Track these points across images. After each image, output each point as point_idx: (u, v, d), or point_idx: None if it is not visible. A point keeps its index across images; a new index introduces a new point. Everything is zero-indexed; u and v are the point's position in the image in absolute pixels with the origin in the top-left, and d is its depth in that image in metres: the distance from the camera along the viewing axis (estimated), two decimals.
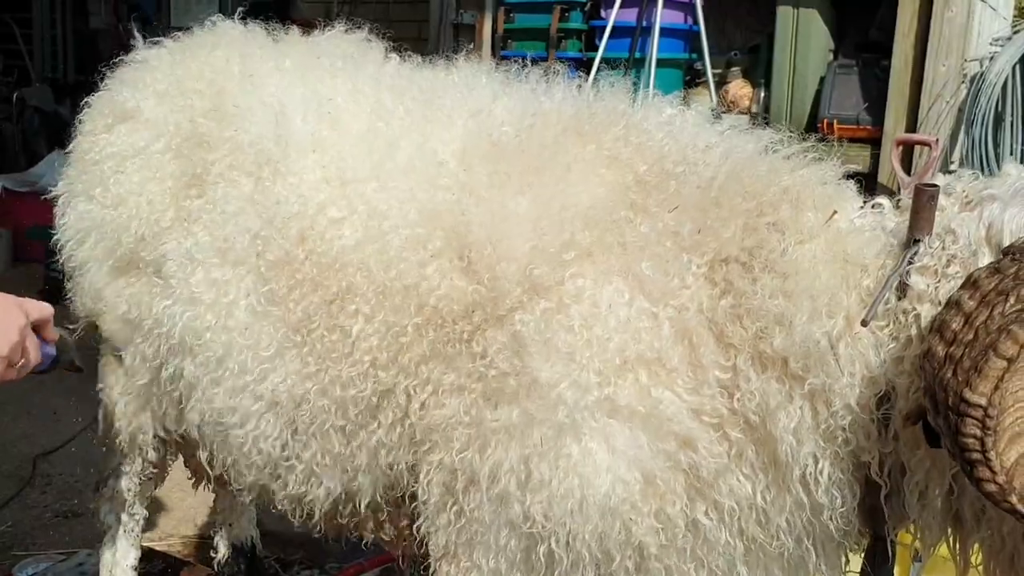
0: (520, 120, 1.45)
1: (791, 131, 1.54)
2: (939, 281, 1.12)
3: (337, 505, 1.56)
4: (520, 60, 1.86)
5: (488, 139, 1.44)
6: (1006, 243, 1.10)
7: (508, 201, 1.35)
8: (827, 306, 1.16)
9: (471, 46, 5.55)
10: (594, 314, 1.26)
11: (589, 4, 5.34)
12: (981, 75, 4.15)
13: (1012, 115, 4.28)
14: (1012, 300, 0.94)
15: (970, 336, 0.96)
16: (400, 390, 1.38)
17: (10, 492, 3.62)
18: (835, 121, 4.64)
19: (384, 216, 1.45)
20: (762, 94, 5.02)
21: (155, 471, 2.16)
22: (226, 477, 1.79)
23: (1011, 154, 4.29)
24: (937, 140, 4.25)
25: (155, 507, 3.20)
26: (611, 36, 5.03)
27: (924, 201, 1.13)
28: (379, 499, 1.52)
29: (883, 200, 1.29)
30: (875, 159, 4.51)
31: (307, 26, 6.35)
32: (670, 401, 1.24)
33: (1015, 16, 4.99)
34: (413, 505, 1.45)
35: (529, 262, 1.29)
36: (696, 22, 4.97)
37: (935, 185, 1.16)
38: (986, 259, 1.10)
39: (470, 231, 1.35)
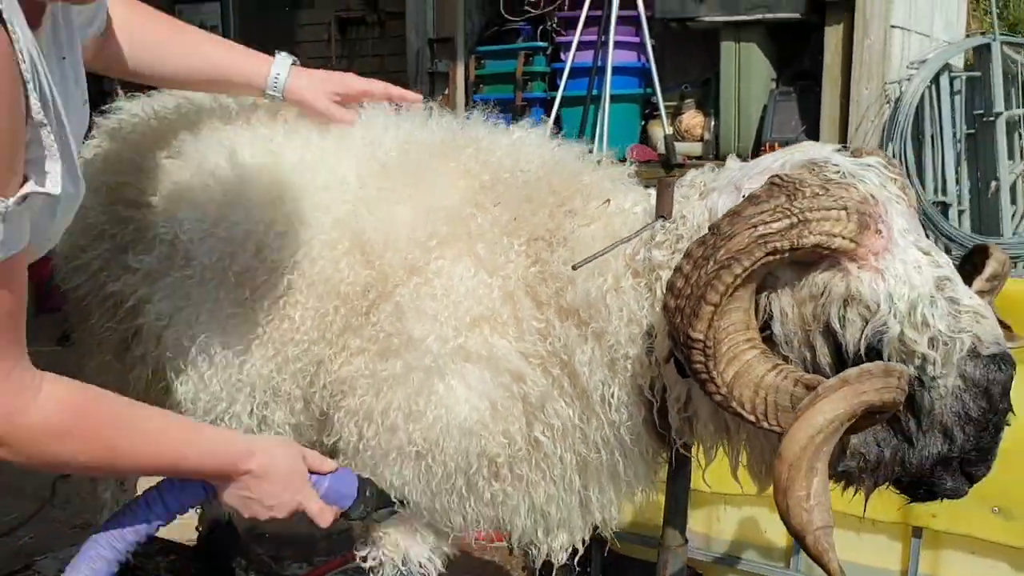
0: (401, 146, 1.83)
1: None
2: (673, 254, 1.48)
3: None
4: (489, 103, 2.21)
5: (378, 162, 1.83)
6: None
7: (392, 208, 1.75)
8: (599, 269, 1.55)
9: (446, 91, 6.04)
10: (450, 285, 1.66)
11: (551, 49, 5.78)
12: (899, 96, 4.56)
13: (932, 129, 4.69)
14: (711, 263, 1.29)
15: (688, 291, 1.31)
16: (326, 357, 1.77)
17: (31, 510, 3.98)
18: (776, 143, 5.03)
19: (310, 226, 1.83)
20: (712, 122, 5.43)
21: None
22: None
23: (931, 164, 4.69)
24: None
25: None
26: (571, 77, 5.49)
27: (664, 189, 1.52)
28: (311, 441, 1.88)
29: (652, 191, 1.66)
30: None
31: None
32: (503, 347, 1.63)
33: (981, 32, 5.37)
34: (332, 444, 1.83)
35: (407, 251, 1.69)
36: (649, 60, 5.40)
37: (673, 177, 1.54)
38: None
39: (365, 233, 1.75)
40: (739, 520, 2.62)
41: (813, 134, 4.95)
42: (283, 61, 1.94)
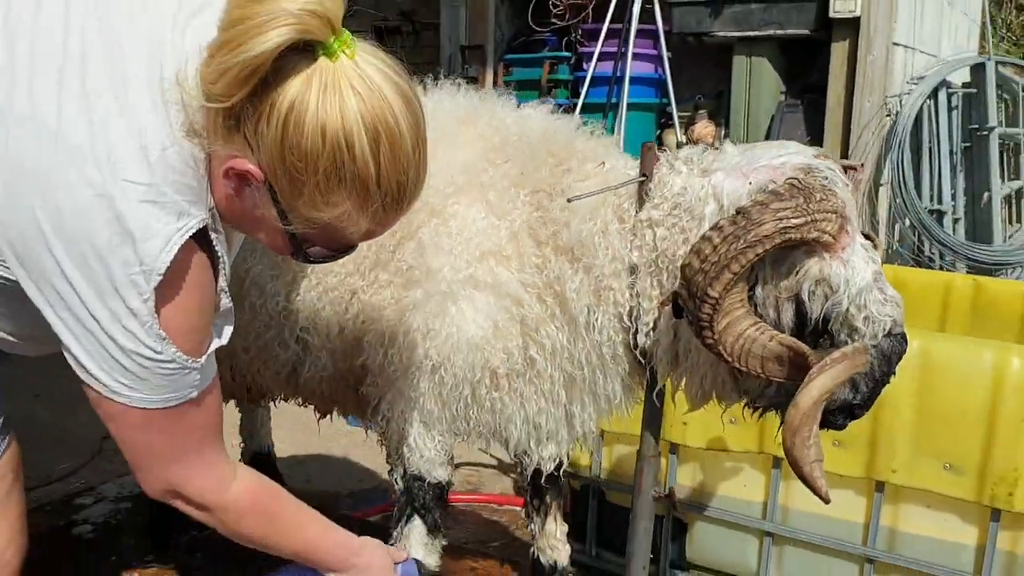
0: (431, 112, 2.16)
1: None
2: (670, 214, 1.78)
3: (322, 374, 2.24)
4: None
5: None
6: (725, 202, 1.76)
7: None
8: (590, 214, 1.86)
9: None
10: (464, 225, 1.98)
11: (574, 58, 6.12)
12: (899, 109, 4.84)
13: (930, 141, 4.97)
14: (741, 241, 1.59)
15: (715, 259, 1.60)
16: (359, 288, 2.10)
17: (81, 461, 4.28)
18: None
19: None
20: (723, 132, 5.73)
21: None
22: (250, 386, 2.48)
23: (928, 174, 4.97)
24: (862, 165, 4.98)
25: None
26: (592, 85, 5.81)
27: (646, 152, 1.83)
28: (324, 360, 2.20)
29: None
30: None
31: None
32: (507, 276, 1.95)
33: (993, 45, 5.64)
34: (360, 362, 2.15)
35: (429, 196, 2.02)
36: (665, 72, 5.72)
37: (653, 143, 1.86)
38: (710, 207, 1.77)
39: None
40: (721, 474, 2.91)
41: (817, 144, 5.24)
42: None
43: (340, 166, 1.35)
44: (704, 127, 5.89)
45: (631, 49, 5.60)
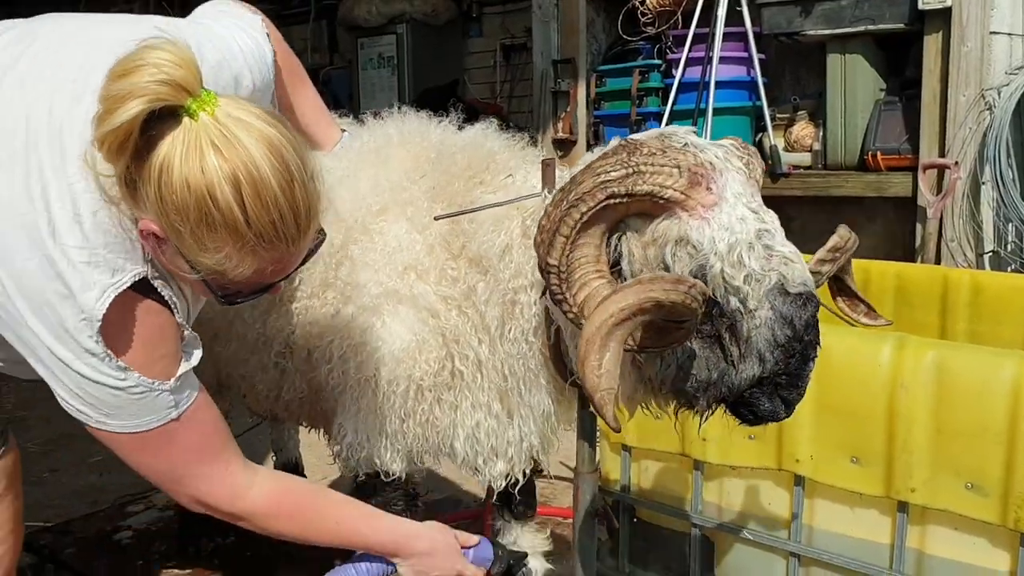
0: (374, 141, 2.24)
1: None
2: None
3: (300, 396, 2.34)
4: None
5: (359, 152, 2.24)
6: None
7: (356, 184, 2.16)
8: (494, 228, 1.86)
9: (568, 109, 6.41)
10: (387, 241, 2.04)
11: (664, 65, 6.03)
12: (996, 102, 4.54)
13: None
14: (565, 204, 1.56)
15: (548, 227, 1.59)
16: (314, 308, 2.19)
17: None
18: (879, 152, 5.09)
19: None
20: (820, 133, 5.52)
21: None
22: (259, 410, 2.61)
23: None
24: (957, 163, 4.69)
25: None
26: (681, 91, 5.73)
27: (545, 168, 1.81)
28: (299, 384, 2.29)
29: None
30: (915, 185, 4.93)
31: (476, 105, 7.36)
32: (425, 290, 1.98)
33: None
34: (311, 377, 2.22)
35: (363, 215, 2.08)
36: (756, 74, 5.56)
37: (552, 159, 1.84)
38: None
39: (336, 203, 2.15)
40: (745, 491, 2.82)
41: (917, 142, 4.97)
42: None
43: (208, 215, 1.49)
44: (803, 128, 5.69)
45: (717, 53, 5.48)
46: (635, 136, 1.63)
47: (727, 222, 1.55)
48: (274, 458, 3.08)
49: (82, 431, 1.71)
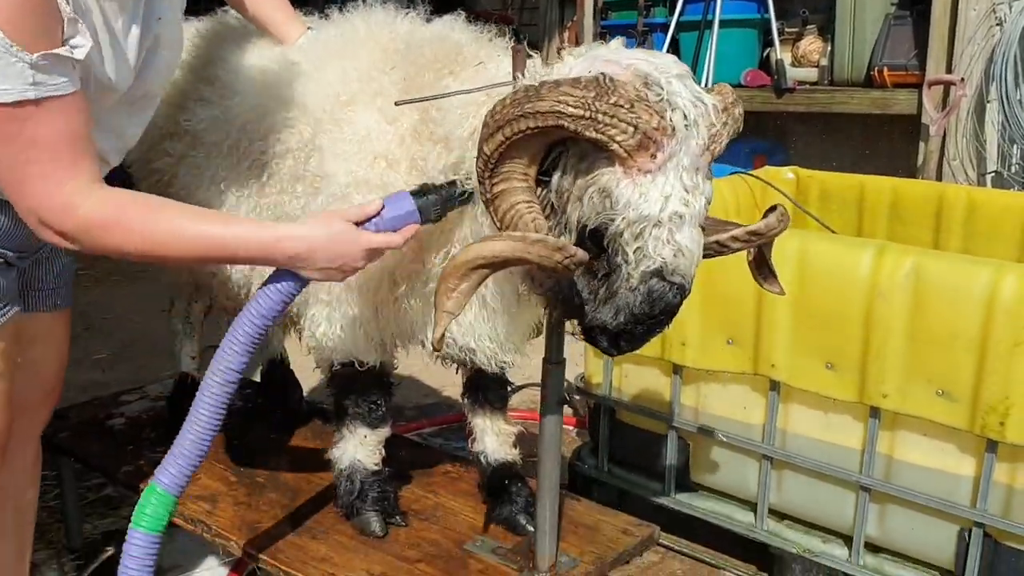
0: (343, 34, 2.23)
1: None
2: None
3: (250, 289, 2.38)
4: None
5: (325, 44, 2.24)
6: None
7: (323, 75, 2.15)
8: (466, 112, 1.86)
9: (575, 17, 6.30)
10: (358, 132, 2.03)
11: None
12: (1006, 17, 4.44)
13: None
14: (518, 108, 1.56)
15: (497, 118, 1.59)
16: (285, 203, 2.21)
17: (117, 350, 4.60)
18: (886, 68, 5.00)
19: (278, 103, 2.24)
20: (828, 48, 5.41)
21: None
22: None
23: None
24: (963, 79, 4.61)
25: None
26: (689, 2, 5.61)
27: (516, 54, 1.78)
28: None
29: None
30: (920, 102, 4.85)
31: (487, 17, 7.22)
32: (395, 177, 1.98)
33: None
34: None
35: (332, 106, 2.08)
36: None
37: (522, 47, 1.81)
38: None
39: (307, 97, 2.17)
40: (723, 397, 2.85)
41: (924, 58, 4.88)
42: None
43: None
44: (810, 43, 5.57)
45: None
46: (618, 74, 1.57)
47: (651, 195, 1.55)
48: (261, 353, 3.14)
49: (88, 329, 1.67)
